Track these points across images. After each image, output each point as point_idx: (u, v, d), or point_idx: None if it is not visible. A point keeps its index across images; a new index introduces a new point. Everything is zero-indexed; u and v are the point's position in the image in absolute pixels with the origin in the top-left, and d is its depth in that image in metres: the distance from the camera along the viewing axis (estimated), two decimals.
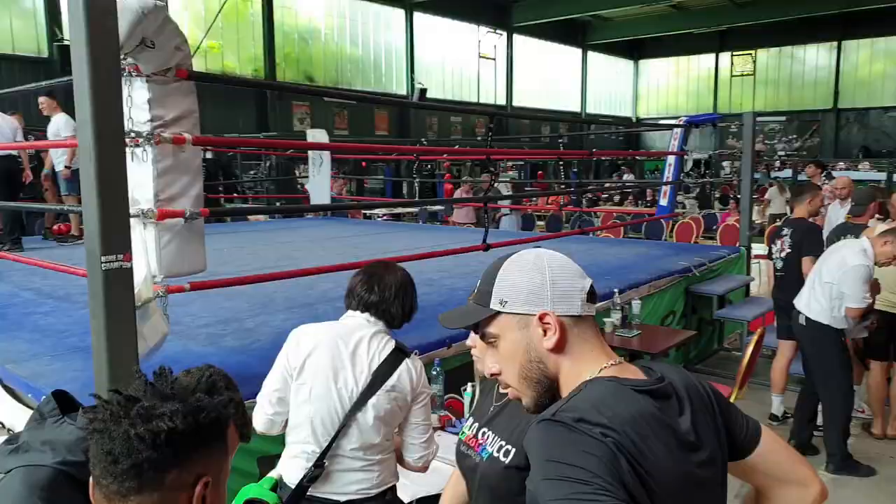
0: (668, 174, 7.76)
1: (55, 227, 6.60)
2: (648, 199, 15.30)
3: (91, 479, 0.93)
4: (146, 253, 2.61)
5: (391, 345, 2.02)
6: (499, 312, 1.08)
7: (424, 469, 2.11)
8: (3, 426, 2.69)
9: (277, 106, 17.14)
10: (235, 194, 12.14)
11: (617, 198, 16.14)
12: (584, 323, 1.07)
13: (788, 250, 4.51)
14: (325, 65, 19.01)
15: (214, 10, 14.49)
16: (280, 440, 2.18)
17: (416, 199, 10.42)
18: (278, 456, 2.16)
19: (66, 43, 10.58)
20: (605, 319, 4.39)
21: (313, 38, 18.62)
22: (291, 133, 16.30)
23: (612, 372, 1.04)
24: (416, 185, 8.60)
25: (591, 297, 1.09)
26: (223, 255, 5.98)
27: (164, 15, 2.38)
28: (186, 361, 3.04)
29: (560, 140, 9.23)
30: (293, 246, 6.87)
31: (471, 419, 1.69)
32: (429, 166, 18.17)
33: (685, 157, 7.48)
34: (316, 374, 1.99)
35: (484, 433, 1.59)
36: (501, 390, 1.23)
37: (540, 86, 26.35)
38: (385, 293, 2.03)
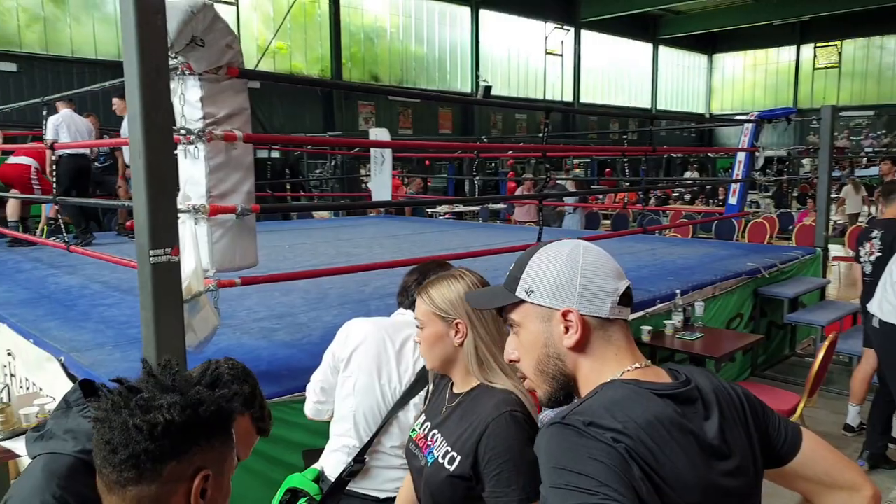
0: (738, 171, 7.44)
1: (128, 223, 6.90)
2: (721, 197, 14.76)
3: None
4: (197, 247, 2.67)
5: None
6: (523, 301, 1.04)
7: None
8: None
9: (343, 106, 17.43)
10: (302, 192, 12.43)
11: (688, 196, 15.65)
12: (613, 326, 1.02)
13: (878, 253, 4.22)
14: (391, 64, 19.22)
15: (283, 11, 14.89)
16: (325, 434, 2.19)
17: (471, 197, 10.32)
18: (322, 449, 2.18)
19: None
20: (666, 322, 4.26)
21: (379, 38, 18.85)
22: (356, 132, 16.54)
23: (634, 375, 0.99)
24: (476, 182, 8.54)
25: (626, 300, 1.03)
26: (284, 251, 6.12)
27: (213, 13, 2.42)
28: (238, 354, 3.11)
29: (624, 136, 8.98)
30: (353, 243, 6.97)
31: (423, 416, 1.65)
32: (493, 164, 18.09)
33: (756, 153, 7.14)
34: (361, 368, 2.00)
35: (434, 435, 1.53)
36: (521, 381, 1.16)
37: (608, 82, 25.84)
38: None
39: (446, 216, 13.02)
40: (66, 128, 5.96)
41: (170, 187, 2.28)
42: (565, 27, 23.49)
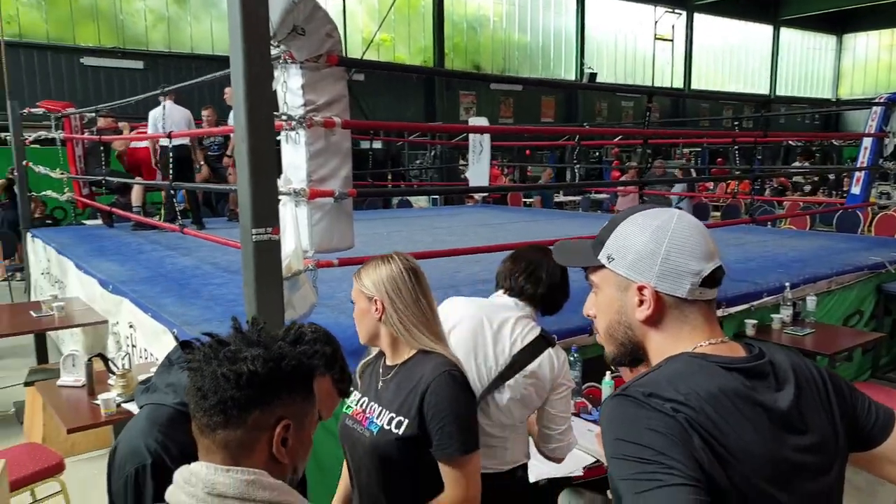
0: (863, 159, 6.87)
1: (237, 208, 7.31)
2: (845, 189, 13.69)
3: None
4: (297, 229, 2.81)
5: (535, 332, 1.97)
6: (603, 266, 1.03)
7: (559, 460, 2.05)
8: None
9: (445, 97, 17.59)
10: (402, 182, 12.69)
11: (807, 188, 14.62)
12: (691, 306, 0.98)
13: None
14: (493, 52, 19.17)
15: (388, 3, 15.20)
16: None
17: (566, 184, 10.09)
18: None
19: None
20: (773, 316, 4.06)
21: (482, 27, 18.85)
22: (457, 123, 16.66)
23: (706, 349, 0.96)
24: (577, 171, 8.39)
25: (711, 281, 0.98)
26: (382, 237, 6.30)
27: (313, 3, 2.52)
28: (335, 332, 3.22)
29: (736, 123, 8.51)
30: (448, 231, 7.06)
31: (357, 394, 1.74)
32: (596, 153, 17.66)
33: (885, 139, 6.56)
34: (457, 347, 2.02)
35: (371, 407, 1.65)
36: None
37: (722, 66, 24.57)
38: (540, 280, 2.00)
39: None
40: (162, 120, 6.38)
41: (271, 170, 2.40)
42: (676, 11, 22.53)
